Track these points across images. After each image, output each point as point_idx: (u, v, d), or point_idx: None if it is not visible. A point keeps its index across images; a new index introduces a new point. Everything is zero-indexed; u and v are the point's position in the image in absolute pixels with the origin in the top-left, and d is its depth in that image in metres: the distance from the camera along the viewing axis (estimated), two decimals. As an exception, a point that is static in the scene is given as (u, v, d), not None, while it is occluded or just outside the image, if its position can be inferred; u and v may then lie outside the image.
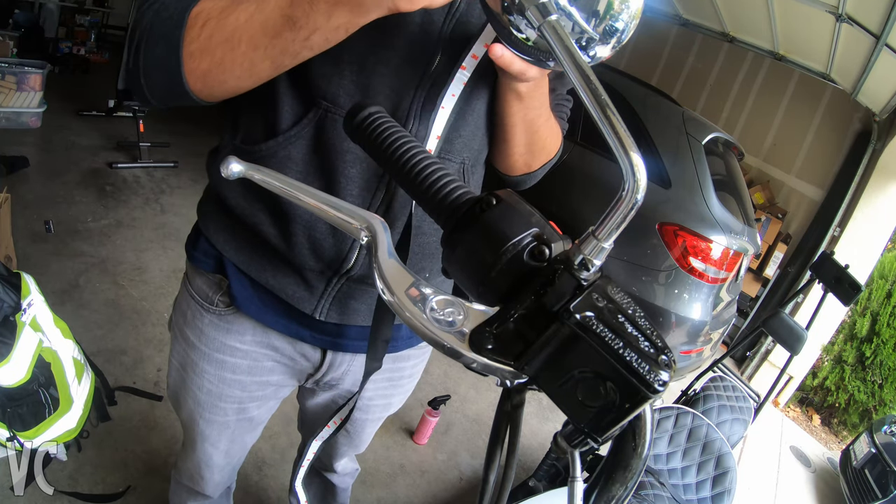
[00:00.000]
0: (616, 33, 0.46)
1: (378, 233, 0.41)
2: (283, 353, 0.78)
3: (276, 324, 0.74)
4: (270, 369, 0.80)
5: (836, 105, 4.13)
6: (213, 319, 0.75)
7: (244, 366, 0.78)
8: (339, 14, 0.49)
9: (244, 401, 0.83)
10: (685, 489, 1.65)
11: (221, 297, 0.74)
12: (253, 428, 0.92)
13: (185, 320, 0.79)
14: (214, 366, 0.78)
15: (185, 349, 0.80)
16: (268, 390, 0.84)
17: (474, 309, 0.36)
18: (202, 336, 0.77)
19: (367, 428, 0.99)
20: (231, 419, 0.85)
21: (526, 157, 0.73)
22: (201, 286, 0.76)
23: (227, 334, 0.76)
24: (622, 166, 0.32)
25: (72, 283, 2.19)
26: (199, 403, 0.82)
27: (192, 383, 0.81)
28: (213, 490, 1.03)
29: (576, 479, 0.33)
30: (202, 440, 0.88)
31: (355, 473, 1.22)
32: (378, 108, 0.48)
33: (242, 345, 0.76)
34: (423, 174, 0.42)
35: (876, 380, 4.04)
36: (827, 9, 2.77)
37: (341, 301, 0.71)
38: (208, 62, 0.54)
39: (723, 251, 2.37)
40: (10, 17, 4.24)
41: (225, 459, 0.95)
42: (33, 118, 3.33)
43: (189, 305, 0.78)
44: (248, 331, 0.75)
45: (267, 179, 0.47)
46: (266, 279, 0.70)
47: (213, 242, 0.72)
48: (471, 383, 2.59)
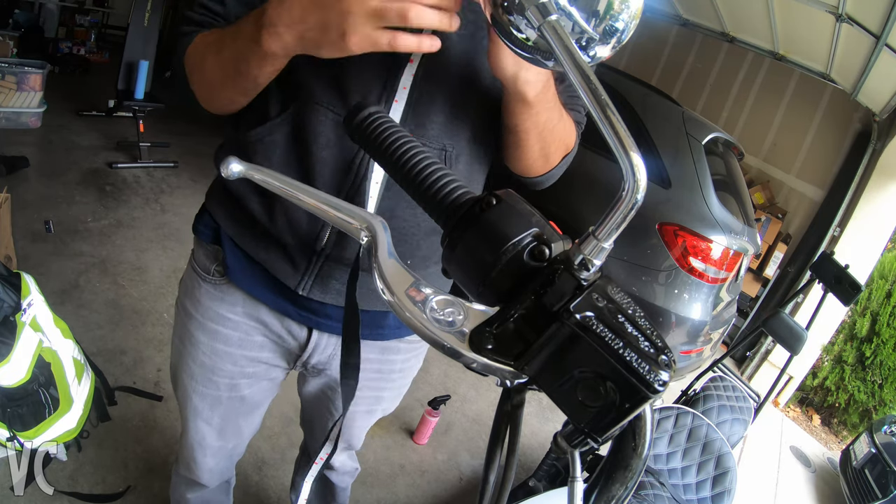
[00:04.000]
0: (616, 33, 0.46)
1: (378, 233, 0.41)
2: (272, 328, 0.82)
3: (264, 296, 0.78)
4: (261, 345, 0.83)
5: (836, 105, 4.13)
6: (208, 289, 0.81)
7: (235, 338, 0.82)
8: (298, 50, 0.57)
9: (235, 376, 0.86)
10: (685, 489, 1.65)
11: (217, 267, 0.80)
12: (247, 411, 0.93)
13: (185, 292, 0.85)
14: (208, 335, 0.82)
15: (184, 321, 0.85)
16: (258, 368, 0.86)
17: (474, 309, 0.36)
18: (198, 305, 0.82)
19: (357, 421, 0.99)
20: (223, 395, 0.88)
21: (541, 159, 0.74)
22: (201, 257, 0.82)
23: (221, 303, 0.81)
24: (622, 166, 0.32)
25: (72, 283, 2.19)
26: (193, 376, 0.86)
27: (188, 355, 0.85)
28: (209, 478, 1.03)
29: (576, 479, 0.34)
30: (195, 416, 0.91)
31: (355, 473, 1.22)
32: (378, 109, 0.48)
33: (234, 315, 0.81)
34: (423, 174, 0.42)
35: (876, 380, 4.04)
36: (827, 9, 2.77)
37: (323, 279, 0.74)
38: (206, 96, 0.70)
39: (723, 251, 2.37)
40: (10, 17, 4.24)
41: (219, 441, 0.95)
42: (33, 118, 3.33)
43: (190, 277, 0.84)
44: (240, 302, 0.80)
45: (267, 179, 0.47)
46: (257, 252, 0.75)
47: (213, 215, 0.79)
48: (471, 383, 2.59)
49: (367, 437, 2.00)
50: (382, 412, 1.02)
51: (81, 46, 4.85)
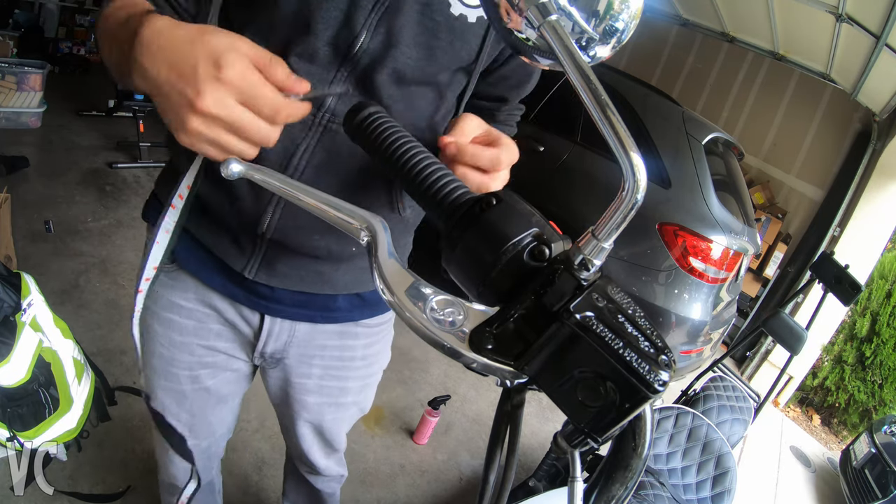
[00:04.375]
0: (616, 33, 0.46)
1: (378, 233, 0.41)
2: (225, 315, 0.80)
3: (214, 281, 0.77)
4: (217, 333, 0.82)
5: (836, 105, 4.13)
6: (162, 279, 0.78)
7: (190, 326, 0.81)
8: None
9: (194, 367, 0.84)
10: (685, 489, 1.65)
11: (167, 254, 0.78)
12: (214, 403, 0.91)
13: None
14: (164, 326, 0.81)
15: (144, 315, 0.83)
16: (217, 357, 0.85)
17: (474, 309, 0.36)
18: (154, 296, 0.80)
19: (326, 415, 0.96)
20: (186, 388, 0.86)
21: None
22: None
23: (173, 291, 0.79)
24: (622, 166, 0.32)
25: (72, 283, 2.19)
26: (155, 371, 0.85)
27: (148, 351, 0.84)
28: (186, 479, 1.01)
29: (576, 479, 0.34)
30: (164, 414, 0.89)
31: (341, 479, 1.18)
32: (378, 108, 0.48)
33: (186, 302, 0.79)
34: (423, 174, 0.42)
35: (876, 380, 4.04)
36: (827, 9, 2.78)
37: (269, 262, 0.73)
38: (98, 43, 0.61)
39: (723, 251, 2.37)
40: (10, 17, 4.24)
41: (192, 438, 0.93)
42: (33, 118, 3.33)
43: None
44: (191, 288, 0.79)
45: (267, 179, 0.47)
46: (203, 235, 0.74)
47: (159, 197, 0.77)
48: (471, 383, 2.59)
49: (367, 438, 2.01)
50: (356, 407, 0.99)
51: (81, 46, 4.84)
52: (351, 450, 1.96)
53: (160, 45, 0.46)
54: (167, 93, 0.47)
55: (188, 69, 0.45)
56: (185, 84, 0.45)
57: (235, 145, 0.48)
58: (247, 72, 0.45)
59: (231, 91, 0.45)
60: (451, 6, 0.61)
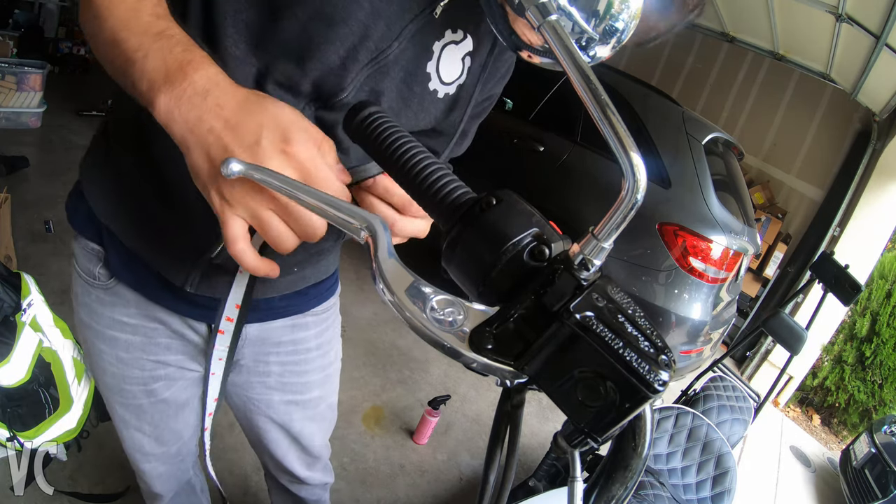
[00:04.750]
0: (616, 33, 0.46)
1: (378, 232, 0.41)
2: (172, 326, 0.77)
3: (154, 295, 0.74)
4: (166, 346, 0.79)
5: (836, 105, 4.13)
6: (99, 295, 0.75)
7: (137, 342, 0.77)
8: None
9: (147, 382, 0.81)
10: (685, 489, 1.65)
11: (101, 270, 0.74)
12: (175, 412, 0.88)
13: (77, 300, 0.79)
14: (109, 344, 0.78)
15: (83, 332, 0.80)
16: (168, 370, 0.81)
17: (474, 309, 0.36)
18: (93, 314, 0.77)
19: (295, 413, 0.93)
20: (143, 402, 0.84)
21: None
22: (83, 260, 0.76)
23: (113, 308, 0.75)
24: (622, 166, 0.32)
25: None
26: (108, 388, 0.83)
27: (98, 368, 0.81)
28: (162, 486, 0.99)
29: (576, 479, 0.33)
30: (125, 426, 0.87)
31: (326, 487, 1.14)
32: (378, 108, 0.48)
33: (129, 318, 0.76)
34: (423, 173, 0.42)
35: (876, 380, 4.04)
36: (827, 9, 2.78)
37: (210, 278, 0.69)
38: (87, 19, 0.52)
39: (723, 251, 2.37)
40: (10, 17, 4.24)
41: (159, 447, 0.91)
42: (33, 118, 3.33)
43: (78, 284, 0.78)
44: (133, 303, 0.75)
45: (267, 179, 0.47)
46: (140, 247, 0.69)
47: (92, 203, 0.71)
48: (471, 383, 2.59)
49: (367, 437, 2.01)
50: (324, 403, 0.96)
51: (81, 46, 4.84)
52: (351, 450, 1.97)
53: (218, 100, 0.43)
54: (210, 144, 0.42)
55: (249, 135, 0.42)
56: (241, 147, 0.41)
57: (277, 228, 0.43)
58: (315, 153, 0.43)
59: (296, 169, 0.42)
60: (431, 81, 0.61)
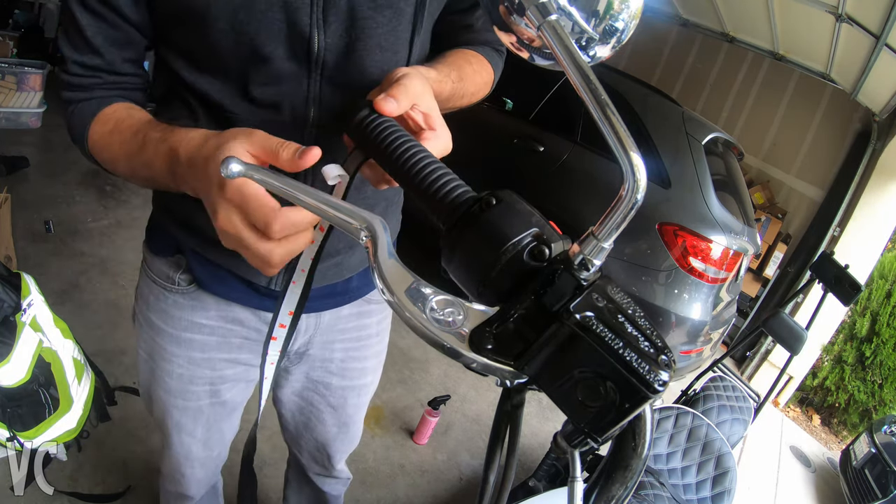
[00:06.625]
0: (616, 33, 0.46)
1: (378, 233, 0.41)
2: (249, 325, 0.79)
3: (236, 297, 0.76)
4: (239, 346, 0.81)
5: (836, 105, 4.13)
6: (176, 299, 0.77)
7: (212, 343, 0.79)
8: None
9: (215, 382, 0.83)
10: (685, 489, 1.65)
11: (182, 275, 0.76)
12: (228, 414, 0.91)
13: (148, 306, 0.80)
14: (183, 347, 0.79)
15: (151, 336, 0.81)
16: (237, 369, 0.84)
17: (474, 309, 0.36)
18: (168, 318, 0.78)
19: (350, 399, 0.96)
20: (204, 403, 0.85)
21: (468, 102, 0.75)
22: (161, 268, 0.77)
23: (193, 311, 0.77)
24: (622, 166, 0.32)
25: (72, 283, 2.19)
26: (171, 391, 0.83)
27: (162, 371, 0.82)
28: (197, 489, 1.02)
29: (576, 479, 0.33)
30: (178, 431, 0.88)
31: (347, 482, 1.19)
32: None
33: (208, 320, 0.78)
34: (423, 173, 0.42)
35: (876, 380, 4.04)
36: (827, 9, 2.78)
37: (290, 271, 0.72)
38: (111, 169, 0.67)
39: (723, 251, 2.37)
40: (10, 17, 4.23)
41: (205, 451, 0.94)
42: (33, 118, 3.33)
43: (151, 290, 0.79)
44: (212, 306, 0.77)
45: (267, 180, 0.47)
46: (223, 259, 0.72)
47: (169, 231, 0.75)
48: (471, 383, 2.59)
49: (367, 437, 2.00)
50: (371, 389, 1.00)
51: (81, 46, 4.84)
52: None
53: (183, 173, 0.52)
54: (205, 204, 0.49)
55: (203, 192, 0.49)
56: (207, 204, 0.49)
57: (251, 259, 0.48)
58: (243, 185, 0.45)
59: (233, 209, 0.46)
60: None
